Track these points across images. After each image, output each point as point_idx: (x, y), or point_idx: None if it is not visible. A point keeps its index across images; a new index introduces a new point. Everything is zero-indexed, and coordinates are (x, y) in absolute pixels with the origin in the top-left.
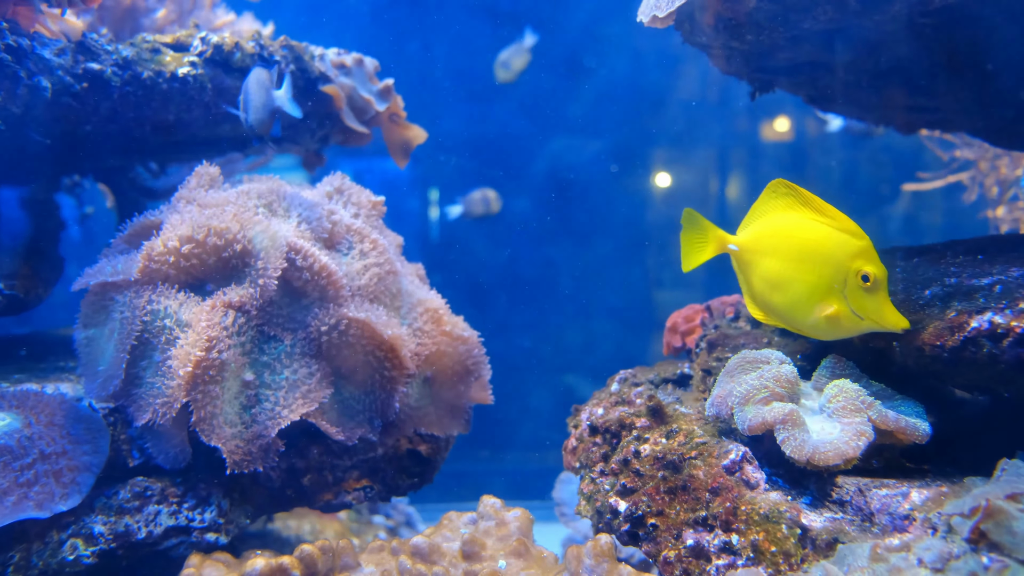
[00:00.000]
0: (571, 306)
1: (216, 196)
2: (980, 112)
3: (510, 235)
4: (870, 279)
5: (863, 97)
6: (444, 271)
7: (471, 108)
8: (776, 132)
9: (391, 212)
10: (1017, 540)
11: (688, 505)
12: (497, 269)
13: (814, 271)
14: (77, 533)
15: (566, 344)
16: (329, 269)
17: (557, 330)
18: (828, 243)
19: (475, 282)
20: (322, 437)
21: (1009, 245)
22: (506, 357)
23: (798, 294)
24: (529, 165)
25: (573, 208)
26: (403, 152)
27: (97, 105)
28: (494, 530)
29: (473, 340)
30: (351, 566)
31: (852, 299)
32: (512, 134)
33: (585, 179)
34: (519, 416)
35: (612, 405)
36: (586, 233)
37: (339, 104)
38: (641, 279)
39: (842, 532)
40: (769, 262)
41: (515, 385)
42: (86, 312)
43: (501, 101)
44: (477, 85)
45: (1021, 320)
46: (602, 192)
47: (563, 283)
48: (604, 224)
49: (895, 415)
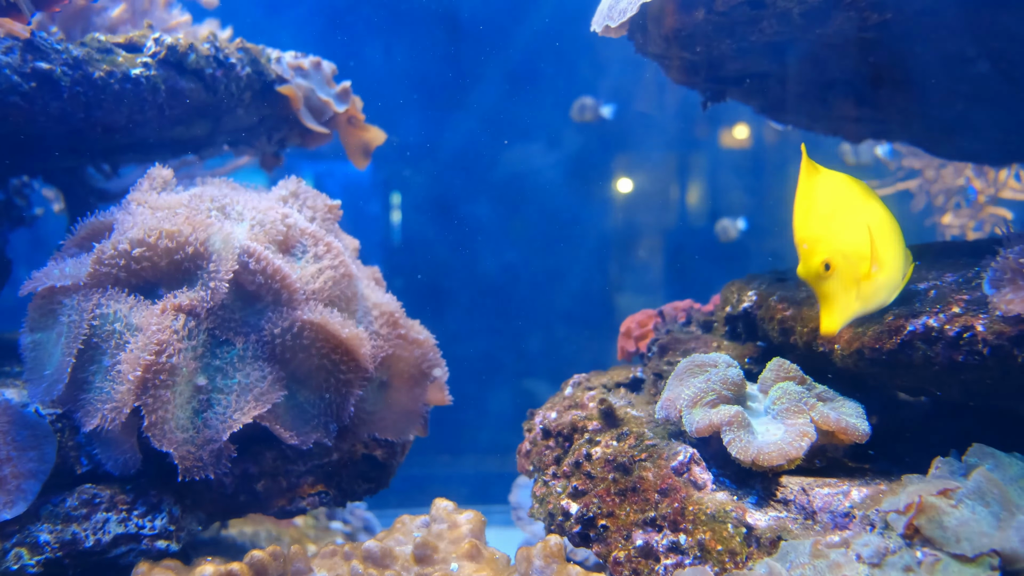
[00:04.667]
0: (531, 311)
1: (168, 199)
2: (919, 123)
3: (470, 240)
4: (830, 268)
5: (811, 108)
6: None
7: (430, 115)
8: (734, 139)
9: (351, 215)
10: (948, 535)
11: (638, 506)
12: (457, 274)
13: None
14: (22, 542)
15: (526, 348)
16: (283, 272)
17: (517, 335)
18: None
19: (435, 286)
20: (276, 442)
21: (945, 252)
22: (466, 361)
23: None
24: (489, 171)
25: (533, 214)
26: (362, 153)
27: (46, 105)
28: (447, 533)
29: (429, 343)
30: (303, 572)
31: (816, 284)
32: (471, 140)
33: (544, 185)
34: (479, 420)
35: (565, 409)
36: (546, 239)
37: (296, 105)
38: (600, 284)
39: (786, 530)
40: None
41: (475, 389)
42: (33, 316)
43: (460, 108)
44: (436, 92)
45: (954, 324)
46: (562, 198)
47: (523, 288)
48: (564, 230)
49: (836, 416)
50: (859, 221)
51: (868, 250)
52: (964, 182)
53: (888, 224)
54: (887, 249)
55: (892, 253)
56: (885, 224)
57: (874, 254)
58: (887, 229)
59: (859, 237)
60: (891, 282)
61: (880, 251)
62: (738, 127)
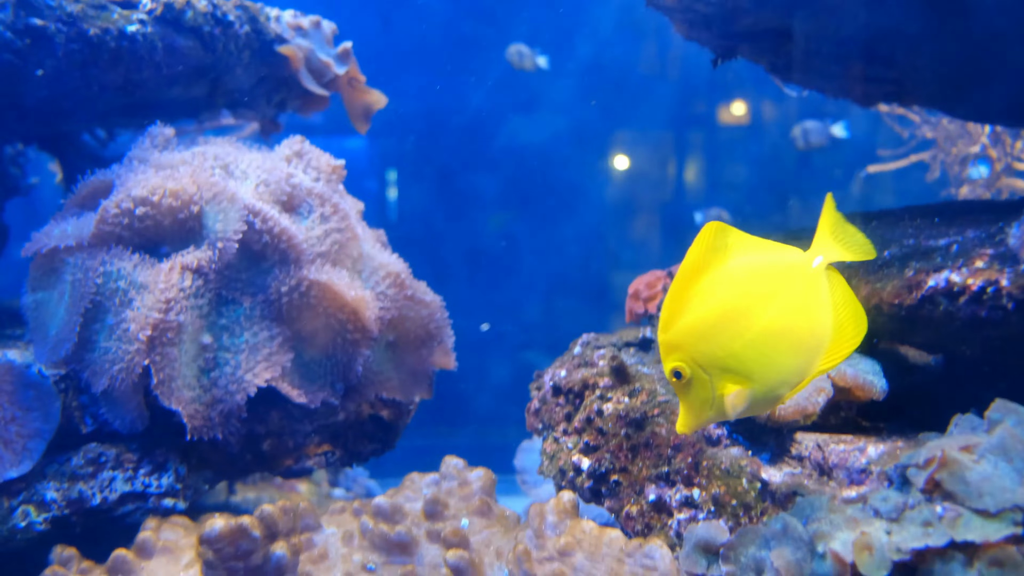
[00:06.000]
0: (531, 282)
1: (171, 156)
2: (934, 81)
3: (471, 211)
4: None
5: (823, 66)
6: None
7: (431, 83)
8: (733, 116)
9: (348, 189)
10: (970, 490)
11: (651, 461)
12: (458, 246)
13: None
14: (28, 500)
15: (526, 320)
16: (289, 232)
17: (517, 306)
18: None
19: (435, 259)
20: (282, 402)
21: (965, 209)
22: (466, 333)
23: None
24: (490, 141)
25: (534, 185)
26: (364, 117)
27: (41, 63)
28: (457, 490)
29: (436, 304)
30: (313, 527)
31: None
32: (473, 110)
33: (546, 155)
34: (479, 391)
35: (575, 367)
36: (547, 210)
37: (296, 65)
38: (602, 256)
39: (801, 486)
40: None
41: (475, 361)
42: (35, 276)
43: (462, 75)
44: (437, 60)
45: (977, 278)
46: (564, 169)
47: (524, 259)
48: (565, 201)
49: (853, 372)
50: (738, 327)
51: (733, 364)
52: (979, 150)
53: (781, 333)
54: (765, 364)
55: (776, 367)
56: (774, 334)
57: (741, 368)
58: (775, 339)
59: (727, 349)
60: (766, 397)
61: (753, 366)
62: (736, 103)
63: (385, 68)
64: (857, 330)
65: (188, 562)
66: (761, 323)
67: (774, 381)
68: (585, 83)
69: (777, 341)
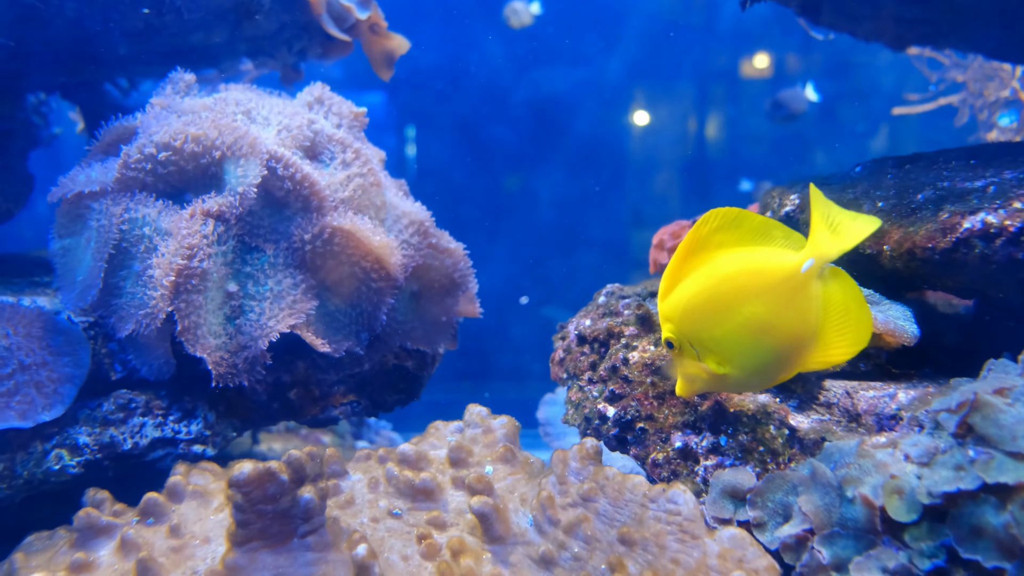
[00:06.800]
0: (552, 238)
1: (193, 102)
2: (975, 23)
3: (491, 165)
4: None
5: (854, 7)
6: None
7: (451, 35)
8: (755, 68)
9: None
10: (1004, 432)
11: (677, 409)
12: (478, 200)
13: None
14: (62, 444)
15: (547, 276)
16: (312, 178)
17: (538, 262)
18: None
19: (455, 214)
20: (307, 351)
21: (1003, 151)
22: (487, 289)
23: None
24: (510, 94)
25: (555, 138)
26: (386, 63)
27: (62, 6)
28: (481, 437)
29: (459, 253)
30: (339, 473)
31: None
32: (493, 62)
33: (568, 109)
34: (500, 347)
35: (600, 316)
36: (568, 164)
37: (318, 10)
38: (623, 211)
39: (829, 432)
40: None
41: (496, 316)
42: (61, 222)
43: (482, 25)
44: (457, 11)
45: (1015, 219)
46: (585, 122)
47: (545, 214)
48: (587, 155)
49: (884, 317)
50: (719, 316)
51: (713, 347)
52: (1009, 94)
53: (760, 330)
54: (742, 354)
55: (752, 359)
56: (753, 329)
57: (722, 352)
58: (754, 334)
59: (709, 332)
60: (748, 381)
61: (731, 354)
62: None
63: (404, 20)
64: (858, 336)
65: (218, 505)
66: (741, 316)
67: (750, 370)
68: (607, 35)
69: (755, 336)
